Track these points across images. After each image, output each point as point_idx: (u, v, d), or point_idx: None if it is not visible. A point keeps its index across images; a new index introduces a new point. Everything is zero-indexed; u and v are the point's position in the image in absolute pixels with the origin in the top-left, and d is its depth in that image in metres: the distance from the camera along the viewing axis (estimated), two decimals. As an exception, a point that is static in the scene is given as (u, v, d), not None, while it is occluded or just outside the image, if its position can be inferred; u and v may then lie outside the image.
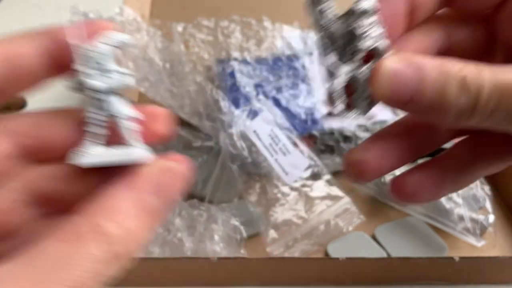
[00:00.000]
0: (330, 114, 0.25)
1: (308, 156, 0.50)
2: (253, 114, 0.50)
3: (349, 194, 0.49)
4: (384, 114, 0.56)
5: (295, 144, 0.50)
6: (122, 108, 0.20)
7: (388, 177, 0.49)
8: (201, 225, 0.44)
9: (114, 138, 0.21)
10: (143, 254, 0.43)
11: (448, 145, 0.27)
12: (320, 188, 0.50)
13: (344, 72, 0.23)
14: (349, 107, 0.24)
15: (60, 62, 0.20)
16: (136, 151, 0.20)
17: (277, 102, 0.54)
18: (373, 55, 0.23)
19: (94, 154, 0.20)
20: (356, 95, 0.24)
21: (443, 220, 0.46)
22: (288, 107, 0.55)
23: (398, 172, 0.26)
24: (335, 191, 0.49)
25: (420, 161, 0.27)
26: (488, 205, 0.46)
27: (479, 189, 0.47)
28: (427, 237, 0.46)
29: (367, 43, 0.23)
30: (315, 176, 0.50)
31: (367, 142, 0.26)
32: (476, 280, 0.43)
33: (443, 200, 0.46)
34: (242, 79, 0.56)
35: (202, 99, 0.51)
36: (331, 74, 0.24)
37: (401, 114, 0.27)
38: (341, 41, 0.23)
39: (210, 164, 0.51)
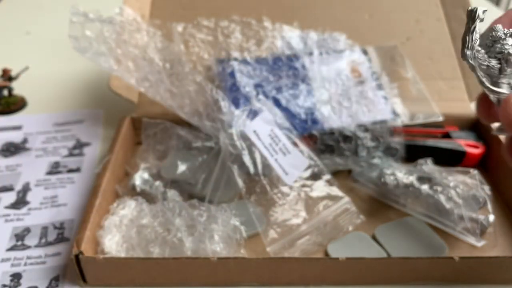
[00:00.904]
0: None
1: (308, 156, 0.50)
2: (253, 114, 0.50)
3: (349, 194, 0.49)
4: (384, 114, 0.56)
5: (295, 144, 0.50)
6: None
7: (388, 177, 0.49)
8: (201, 225, 0.44)
9: None
10: (143, 254, 0.43)
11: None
12: (320, 188, 0.50)
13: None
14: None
15: None
16: None
17: (277, 102, 0.54)
18: None
19: None
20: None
21: (443, 220, 0.46)
22: (288, 107, 0.55)
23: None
24: (335, 191, 0.49)
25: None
26: (488, 205, 0.46)
27: (479, 189, 0.47)
28: (427, 237, 0.46)
29: None
30: (315, 176, 0.50)
31: None
32: (476, 280, 0.43)
33: (443, 200, 0.46)
34: (242, 79, 0.56)
35: (202, 99, 0.51)
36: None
37: (401, 116, 0.28)
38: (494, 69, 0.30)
39: (210, 164, 0.51)
